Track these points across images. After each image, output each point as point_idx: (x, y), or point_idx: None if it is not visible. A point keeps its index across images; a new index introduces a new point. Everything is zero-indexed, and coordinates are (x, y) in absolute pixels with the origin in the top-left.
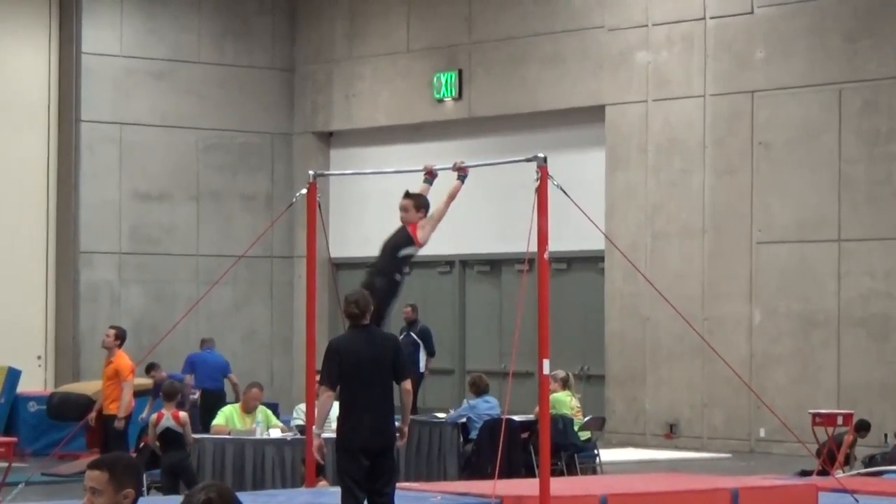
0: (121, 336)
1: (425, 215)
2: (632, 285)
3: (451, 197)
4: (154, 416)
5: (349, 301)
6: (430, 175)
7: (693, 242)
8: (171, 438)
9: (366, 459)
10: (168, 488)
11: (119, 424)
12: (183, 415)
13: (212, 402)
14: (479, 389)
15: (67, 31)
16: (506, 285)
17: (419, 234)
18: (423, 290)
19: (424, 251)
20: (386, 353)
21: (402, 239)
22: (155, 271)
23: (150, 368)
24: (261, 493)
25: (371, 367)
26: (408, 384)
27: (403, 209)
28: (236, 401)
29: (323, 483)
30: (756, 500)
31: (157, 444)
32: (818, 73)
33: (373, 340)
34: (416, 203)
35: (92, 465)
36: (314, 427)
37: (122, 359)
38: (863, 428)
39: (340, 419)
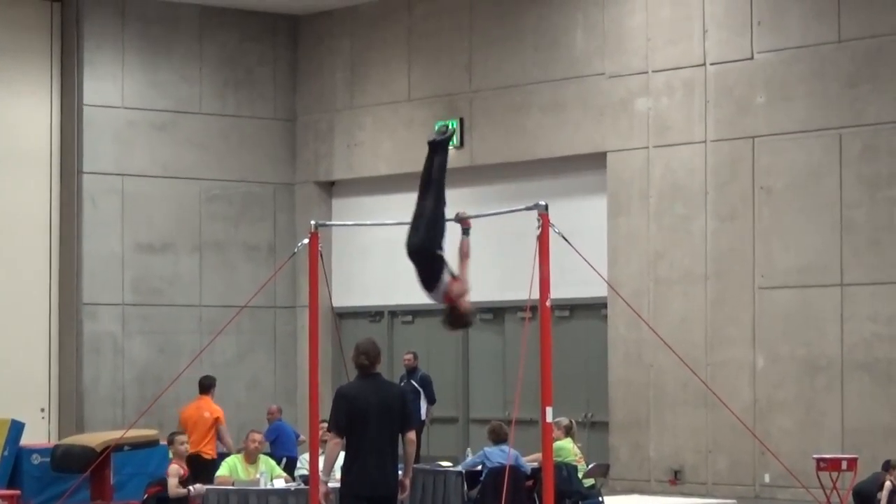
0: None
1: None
2: (635, 332)
3: (466, 256)
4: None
5: (359, 351)
6: (465, 225)
7: (695, 288)
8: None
9: None
10: None
11: None
12: (170, 468)
13: (291, 469)
14: (498, 438)
15: (69, 83)
16: (509, 333)
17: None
18: (426, 339)
19: (427, 299)
20: (393, 402)
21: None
22: (158, 322)
23: None
24: None
25: (378, 416)
26: (412, 435)
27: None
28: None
29: None
30: None
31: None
32: (818, 117)
33: (380, 389)
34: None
35: None
36: (321, 474)
37: None
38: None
39: (345, 466)
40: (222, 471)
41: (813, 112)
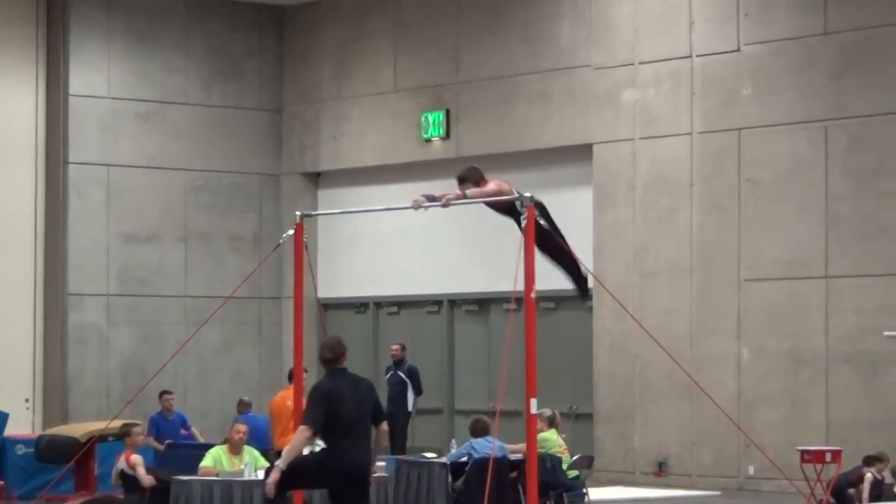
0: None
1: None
2: (620, 324)
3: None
4: (118, 456)
5: (324, 346)
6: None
7: (681, 280)
8: (127, 480)
9: (335, 484)
10: None
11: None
12: (134, 457)
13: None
14: (476, 432)
15: (55, 73)
16: (494, 324)
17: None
18: (411, 330)
19: (413, 291)
20: (366, 395)
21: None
22: (143, 313)
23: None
24: None
25: (354, 409)
26: (385, 425)
27: (466, 191)
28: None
29: None
30: None
31: (120, 483)
32: (804, 110)
33: (353, 383)
34: (474, 178)
35: None
36: (280, 462)
37: None
38: (877, 460)
39: (321, 452)
40: (206, 462)
41: (799, 104)
